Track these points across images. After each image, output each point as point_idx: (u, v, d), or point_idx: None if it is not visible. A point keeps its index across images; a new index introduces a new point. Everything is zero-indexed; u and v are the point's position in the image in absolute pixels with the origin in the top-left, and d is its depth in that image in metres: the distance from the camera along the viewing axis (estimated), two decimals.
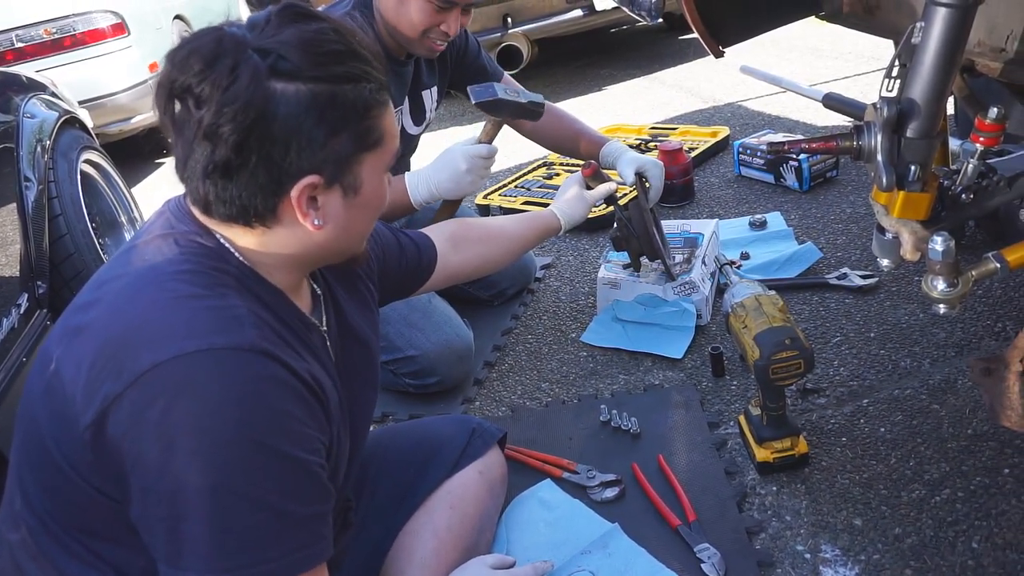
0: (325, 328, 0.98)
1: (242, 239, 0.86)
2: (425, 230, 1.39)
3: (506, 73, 2.06)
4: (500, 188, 2.83)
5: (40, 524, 0.83)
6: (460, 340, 1.77)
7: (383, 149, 0.87)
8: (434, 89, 1.95)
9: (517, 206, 2.63)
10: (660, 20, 2.02)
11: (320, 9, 0.90)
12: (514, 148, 3.05)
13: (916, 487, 1.28)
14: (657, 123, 3.34)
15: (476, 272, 1.51)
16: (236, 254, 0.86)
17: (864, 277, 1.87)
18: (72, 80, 3.38)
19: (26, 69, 3.12)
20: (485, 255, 1.50)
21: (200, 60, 0.77)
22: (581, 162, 2.84)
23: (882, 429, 1.42)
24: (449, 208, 1.82)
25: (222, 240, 0.86)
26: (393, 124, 0.89)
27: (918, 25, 0.99)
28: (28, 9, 3.79)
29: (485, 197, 2.76)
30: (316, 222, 0.84)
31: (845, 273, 1.90)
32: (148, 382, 0.73)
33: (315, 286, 1.00)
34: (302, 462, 0.78)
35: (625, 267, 1.91)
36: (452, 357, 1.74)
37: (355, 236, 0.93)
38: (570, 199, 1.71)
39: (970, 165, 1.08)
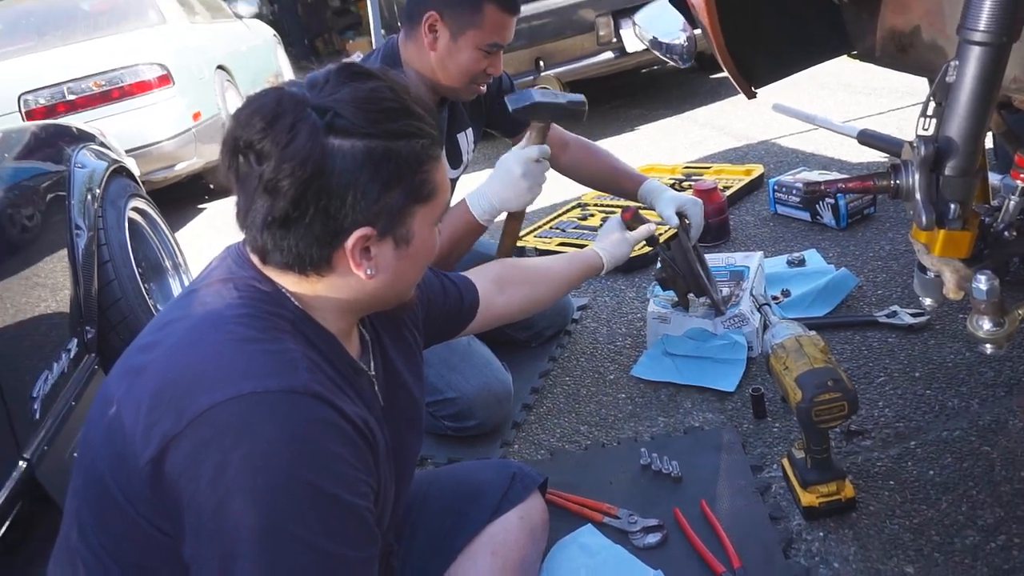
0: (373, 373, 1.00)
1: (297, 286, 0.89)
2: (468, 273, 1.41)
3: None
4: (535, 229, 2.85)
5: (96, 560, 0.85)
6: (499, 383, 1.77)
7: (434, 201, 0.90)
8: (469, 131, 1.98)
9: (552, 247, 2.65)
10: (692, 62, 2.03)
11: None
12: (548, 189, 3.06)
13: (970, 533, 1.24)
14: (690, 162, 3.35)
15: (522, 312, 1.52)
16: (291, 299, 0.89)
17: (914, 315, 1.83)
18: (119, 130, 3.50)
19: (76, 121, 3.25)
20: (530, 295, 1.51)
21: (262, 119, 0.82)
22: (616, 202, 2.88)
23: (931, 472, 1.39)
24: (514, 223, 1.80)
25: (278, 286, 0.89)
26: (444, 177, 0.92)
27: (952, 64, 0.99)
28: (79, 63, 3.95)
29: (520, 238, 2.78)
30: (368, 272, 0.88)
31: (895, 311, 1.86)
32: (205, 422, 0.76)
33: (364, 332, 1.03)
34: (352, 505, 0.79)
35: (674, 305, 1.91)
36: (491, 400, 1.74)
37: (405, 285, 0.96)
38: (612, 240, 1.70)
39: (1012, 202, 1.07)
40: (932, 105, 1.03)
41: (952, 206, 1.02)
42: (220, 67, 4.83)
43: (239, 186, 0.85)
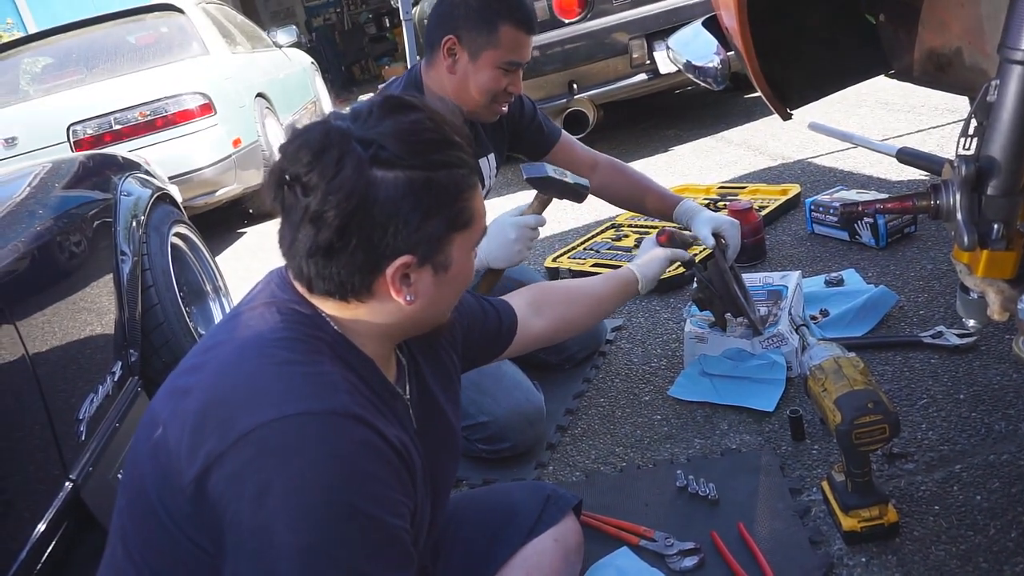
0: (408, 397, 1.01)
1: (337, 311, 0.92)
2: (505, 297, 1.42)
3: (563, 131, 2.10)
4: (569, 251, 2.85)
5: (136, 572, 0.87)
6: (531, 404, 1.77)
7: (472, 228, 0.93)
8: (491, 156, 2.01)
9: (586, 268, 2.65)
10: (727, 84, 2.03)
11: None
12: (582, 211, 3.08)
13: (1020, 561, 1.21)
14: (725, 182, 3.34)
15: (559, 334, 1.52)
16: (331, 323, 0.91)
17: (961, 336, 1.78)
18: (162, 157, 3.60)
19: (122, 149, 3.35)
20: (567, 316, 1.50)
21: (309, 152, 0.84)
22: (651, 222, 2.88)
23: (978, 497, 1.35)
24: (491, 277, 1.83)
25: (318, 310, 0.91)
26: (482, 204, 0.94)
27: (993, 83, 0.98)
28: (125, 94, 4.08)
29: (554, 260, 2.79)
30: (408, 298, 0.90)
31: (940, 331, 1.82)
32: (248, 443, 0.78)
33: (400, 356, 1.04)
34: (390, 526, 0.81)
35: (711, 326, 1.90)
36: (523, 422, 1.75)
37: (443, 309, 0.99)
38: (648, 259, 1.70)
39: None
40: (973, 124, 1.02)
41: (995, 226, 1.01)
42: (260, 95, 4.94)
43: (284, 216, 0.88)
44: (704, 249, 1.85)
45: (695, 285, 1.81)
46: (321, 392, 0.82)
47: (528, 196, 1.83)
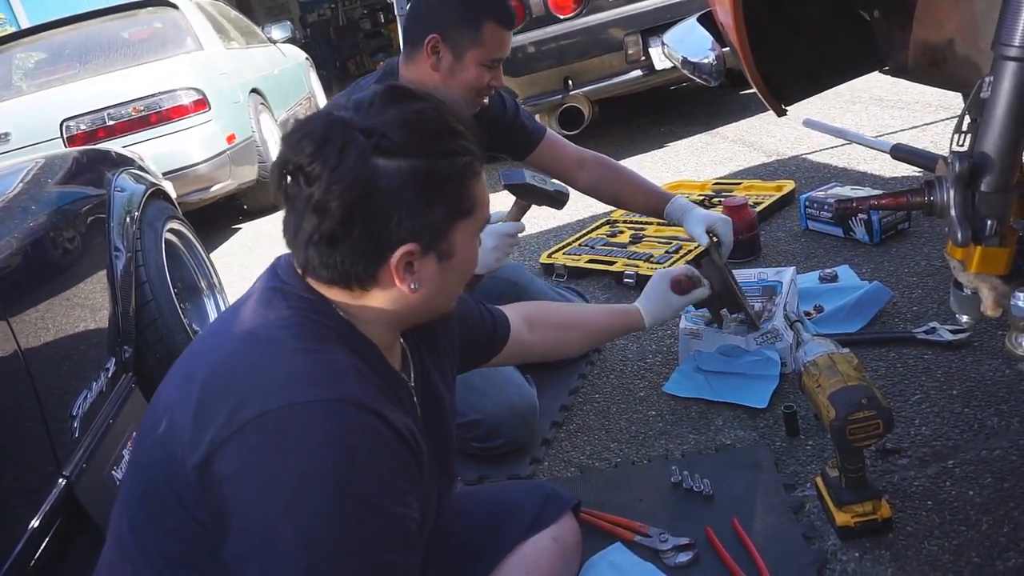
0: (413, 384, 1.03)
1: (341, 299, 0.92)
2: (504, 307, 1.43)
3: (548, 129, 2.09)
4: (564, 247, 2.85)
5: (146, 559, 0.87)
6: (523, 400, 1.77)
7: (475, 216, 0.93)
8: None
9: (581, 264, 2.65)
10: (722, 80, 2.02)
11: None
12: (577, 207, 3.08)
13: (1012, 555, 1.21)
14: (720, 178, 3.34)
15: (546, 355, 1.56)
16: (337, 310, 0.92)
17: (954, 332, 1.79)
18: (156, 153, 3.59)
19: (115, 145, 3.34)
20: (559, 341, 1.55)
21: (312, 142, 0.85)
22: (646, 219, 2.87)
23: (971, 492, 1.36)
24: (472, 282, 1.83)
25: (324, 297, 0.92)
26: (484, 192, 0.95)
27: (987, 79, 0.98)
28: (119, 90, 4.06)
29: (549, 256, 2.79)
30: (412, 286, 0.90)
31: (934, 327, 1.82)
32: (253, 429, 0.78)
33: (404, 345, 1.05)
34: (396, 515, 0.81)
35: (708, 323, 1.90)
36: (516, 418, 1.74)
37: (447, 297, 0.99)
38: (657, 301, 1.67)
39: None
40: (967, 121, 1.02)
41: (989, 222, 1.01)
42: (254, 90, 4.93)
43: (288, 206, 0.88)
44: (699, 247, 1.86)
45: None
46: (328, 379, 0.82)
47: (508, 199, 1.83)
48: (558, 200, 1.81)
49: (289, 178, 0.86)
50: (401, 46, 1.86)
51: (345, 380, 0.83)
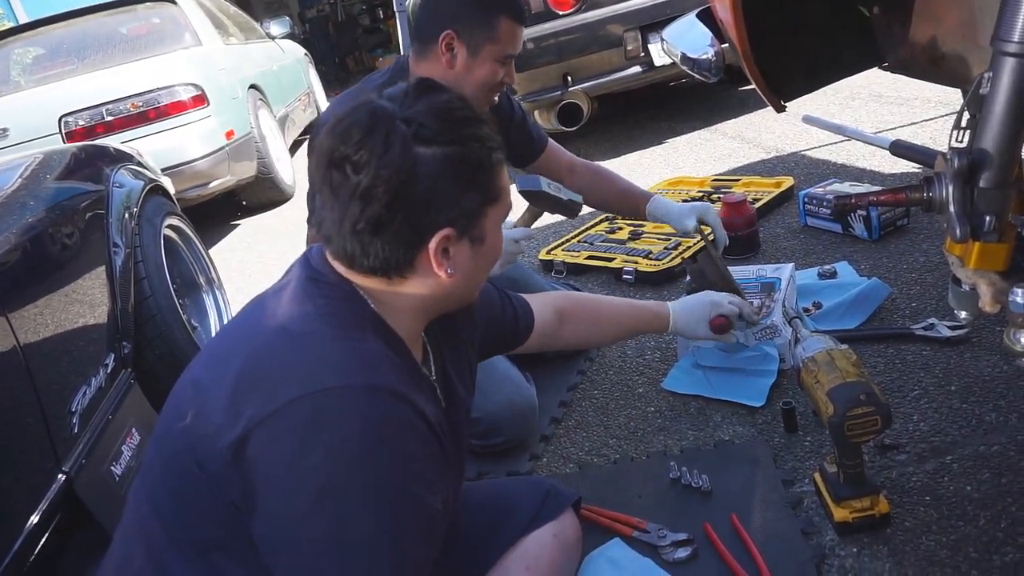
0: (435, 378, 1.05)
1: (378, 287, 0.94)
2: (534, 297, 1.46)
3: (550, 140, 2.11)
4: (563, 243, 2.85)
5: (170, 539, 0.88)
6: (522, 398, 1.78)
7: (501, 202, 0.97)
8: None
9: (580, 261, 2.65)
10: (721, 76, 2.03)
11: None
12: None
13: (1009, 550, 1.22)
14: (719, 175, 3.34)
15: (571, 346, 1.57)
16: (369, 302, 0.94)
17: (953, 328, 1.79)
18: (155, 149, 3.58)
19: (114, 141, 3.33)
20: (588, 336, 1.59)
21: (359, 131, 0.87)
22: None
23: (968, 487, 1.36)
24: None
25: (356, 288, 0.94)
26: (507, 180, 0.98)
27: (986, 76, 0.98)
28: (118, 85, 4.05)
29: (548, 252, 2.79)
30: (449, 271, 0.93)
31: (932, 323, 1.82)
32: (289, 412, 0.80)
33: (426, 340, 1.07)
34: (424, 504, 0.84)
35: None
36: (516, 415, 1.75)
37: (475, 283, 1.03)
38: (691, 322, 1.64)
39: None
40: (966, 117, 1.02)
41: (987, 218, 1.01)
42: (253, 86, 4.92)
43: (331, 196, 0.90)
44: (697, 242, 1.86)
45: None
46: (364, 366, 0.85)
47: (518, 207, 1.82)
48: (571, 209, 1.81)
49: (335, 169, 0.88)
50: (401, 43, 1.86)
51: (380, 367, 0.85)
